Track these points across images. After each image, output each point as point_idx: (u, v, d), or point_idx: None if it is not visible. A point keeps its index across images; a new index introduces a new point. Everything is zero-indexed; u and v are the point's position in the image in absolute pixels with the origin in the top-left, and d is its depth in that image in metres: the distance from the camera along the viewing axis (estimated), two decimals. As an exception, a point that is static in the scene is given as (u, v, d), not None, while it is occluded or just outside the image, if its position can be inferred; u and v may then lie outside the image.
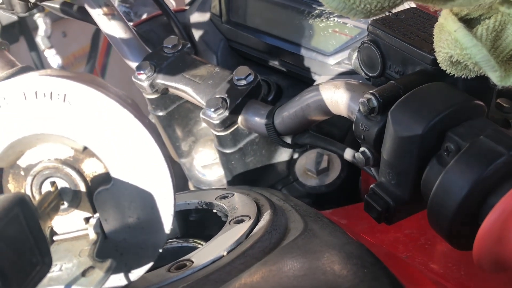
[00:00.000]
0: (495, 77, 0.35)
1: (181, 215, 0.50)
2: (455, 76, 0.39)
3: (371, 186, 0.42)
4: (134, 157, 0.31)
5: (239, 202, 0.44)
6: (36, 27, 1.75)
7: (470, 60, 0.36)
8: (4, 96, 0.31)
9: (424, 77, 0.42)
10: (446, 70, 0.39)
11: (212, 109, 0.60)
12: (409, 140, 0.37)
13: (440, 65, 0.39)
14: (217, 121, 0.60)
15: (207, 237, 0.40)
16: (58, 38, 1.87)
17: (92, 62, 1.90)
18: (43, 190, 0.33)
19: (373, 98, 0.40)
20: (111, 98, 0.31)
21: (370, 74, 0.48)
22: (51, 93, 0.30)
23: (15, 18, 1.61)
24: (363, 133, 0.42)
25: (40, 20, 1.73)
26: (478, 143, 0.34)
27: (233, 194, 0.47)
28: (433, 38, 0.39)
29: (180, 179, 0.81)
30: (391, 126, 0.39)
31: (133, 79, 0.67)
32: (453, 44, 0.36)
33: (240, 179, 0.66)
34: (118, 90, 0.33)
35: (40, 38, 1.75)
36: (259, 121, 0.59)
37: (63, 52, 1.87)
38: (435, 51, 0.39)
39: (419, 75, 0.42)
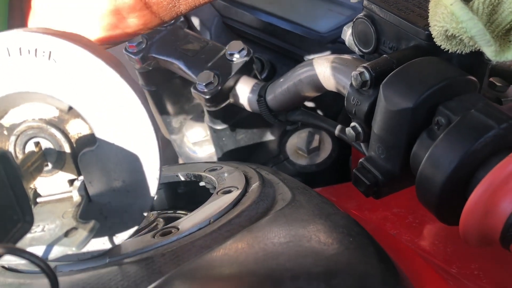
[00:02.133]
0: (490, 51, 0.35)
1: (169, 187, 0.50)
2: (450, 51, 0.38)
3: (360, 160, 0.41)
4: (119, 119, 0.31)
5: (228, 174, 0.44)
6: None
7: (466, 34, 0.35)
8: (-13, 51, 0.30)
9: (418, 52, 0.41)
10: (441, 45, 0.38)
11: (204, 84, 0.59)
12: (400, 114, 0.37)
13: (435, 39, 0.38)
14: (208, 96, 0.59)
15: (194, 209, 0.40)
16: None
17: None
18: (27, 150, 0.32)
19: (365, 71, 0.40)
20: (98, 57, 0.30)
21: (364, 50, 0.48)
22: (35, 50, 0.30)
23: None
24: (355, 108, 0.42)
25: None
26: (468, 117, 0.34)
27: (222, 167, 0.47)
28: (429, 13, 0.39)
29: (171, 157, 0.80)
30: (382, 99, 0.38)
31: (124, 51, 0.66)
32: (449, 18, 0.36)
33: (231, 156, 0.65)
34: (106, 50, 0.32)
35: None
36: (251, 97, 0.59)
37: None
38: (430, 26, 0.39)
39: (413, 50, 0.42)
